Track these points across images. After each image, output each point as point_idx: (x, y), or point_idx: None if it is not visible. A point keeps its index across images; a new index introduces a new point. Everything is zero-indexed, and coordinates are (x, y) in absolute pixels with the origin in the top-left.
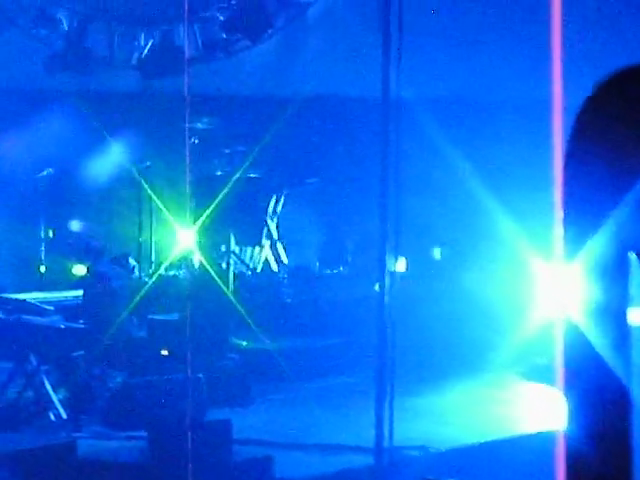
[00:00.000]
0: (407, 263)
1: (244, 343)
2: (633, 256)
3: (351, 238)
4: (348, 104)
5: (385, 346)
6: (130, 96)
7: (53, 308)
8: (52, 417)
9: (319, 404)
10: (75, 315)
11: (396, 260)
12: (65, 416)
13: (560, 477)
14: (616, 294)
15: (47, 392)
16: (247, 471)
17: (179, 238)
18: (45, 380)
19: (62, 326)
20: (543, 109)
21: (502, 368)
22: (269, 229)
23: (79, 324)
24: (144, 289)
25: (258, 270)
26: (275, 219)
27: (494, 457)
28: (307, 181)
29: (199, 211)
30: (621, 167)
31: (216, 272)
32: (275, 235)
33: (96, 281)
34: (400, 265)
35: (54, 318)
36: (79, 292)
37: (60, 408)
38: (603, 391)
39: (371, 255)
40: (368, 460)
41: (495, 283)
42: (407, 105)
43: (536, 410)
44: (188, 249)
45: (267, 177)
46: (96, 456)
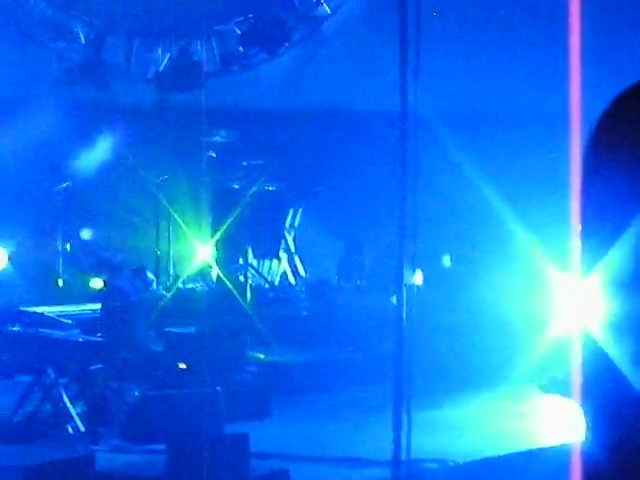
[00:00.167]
0: (424, 275)
1: (261, 356)
2: None
3: (368, 251)
4: (365, 117)
5: (402, 358)
6: (147, 109)
7: (71, 321)
8: (70, 430)
9: (336, 417)
10: (93, 328)
11: (413, 272)
12: (83, 429)
13: None
14: (635, 307)
15: (65, 405)
16: None
17: (197, 251)
18: (63, 393)
19: (80, 339)
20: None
21: (520, 381)
22: (286, 242)
23: (97, 337)
24: (162, 302)
25: (275, 283)
26: (292, 232)
27: (511, 470)
28: (324, 194)
29: (217, 224)
30: None
31: (234, 285)
32: (292, 248)
33: (114, 295)
34: (417, 277)
35: (72, 331)
36: (97, 305)
37: (78, 421)
38: (621, 405)
39: (388, 267)
40: (386, 473)
41: (513, 296)
42: (424, 117)
43: (553, 423)
44: (206, 262)
45: (284, 190)
46: (114, 469)
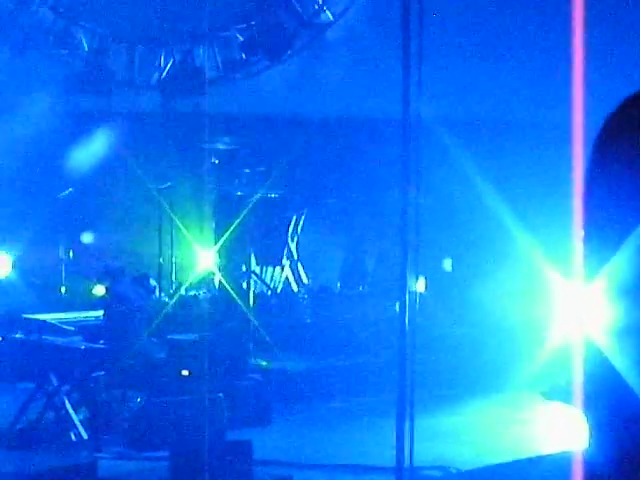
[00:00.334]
0: (426, 282)
1: (264, 363)
2: None
3: (371, 257)
4: (368, 124)
5: (405, 366)
6: (150, 116)
7: (74, 328)
8: (73, 437)
9: (339, 424)
10: (96, 335)
11: (416, 279)
12: (86, 436)
13: None
14: (638, 314)
15: (68, 412)
16: None
17: (199, 258)
18: (66, 400)
19: (83, 346)
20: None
21: (522, 388)
22: (289, 249)
23: (99, 344)
24: (165, 309)
25: (278, 290)
26: (295, 239)
27: (513, 477)
28: (327, 201)
29: (219, 231)
30: None
31: (236, 292)
32: (295, 255)
33: (116, 301)
34: (420, 284)
35: (75, 338)
36: (99, 312)
37: (81, 428)
38: (624, 412)
39: (391, 274)
40: None
41: (515, 302)
42: (427, 125)
43: (556, 430)
44: (209, 269)
45: (287, 197)
46: (117, 476)
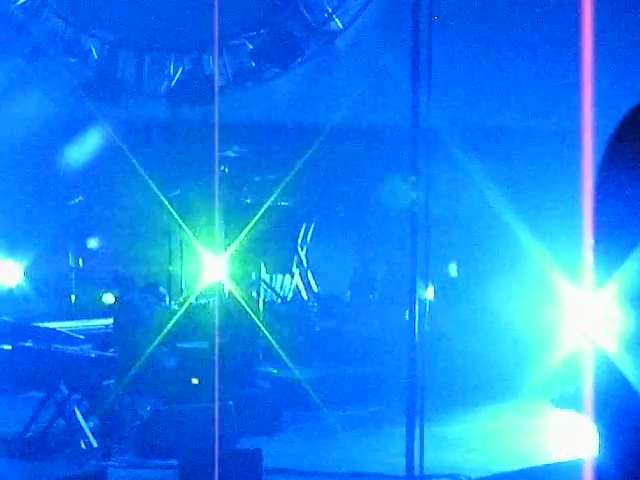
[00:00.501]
0: (435, 291)
1: (274, 371)
2: None
3: (380, 265)
4: (377, 132)
5: (415, 374)
6: (160, 124)
7: (83, 337)
8: (83, 445)
9: (349, 432)
10: (105, 343)
11: (425, 287)
12: (96, 444)
13: None
14: None
15: (78, 421)
16: None
17: (209, 266)
18: (76, 409)
19: (93, 355)
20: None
21: (531, 395)
22: (299, 257)
23: (109, 353)
24: (174, 317)
25: (288, 298)
26: (305, 247)
27: None
28: (337, 209)
29: (229, 239)
30: None
31: (246, 300)
32: (305, 263)
33: (126, 310)
34: (429, 292)
35: (84, 347)
36: (109, 320)
37: (91, 436)
38: (634, 419)
39: (401, 282)
40: None
41: (524, 308)
42: (436, 133)
43: (566, 438)
44: (218, 277)
45: (297, 205)
46: None
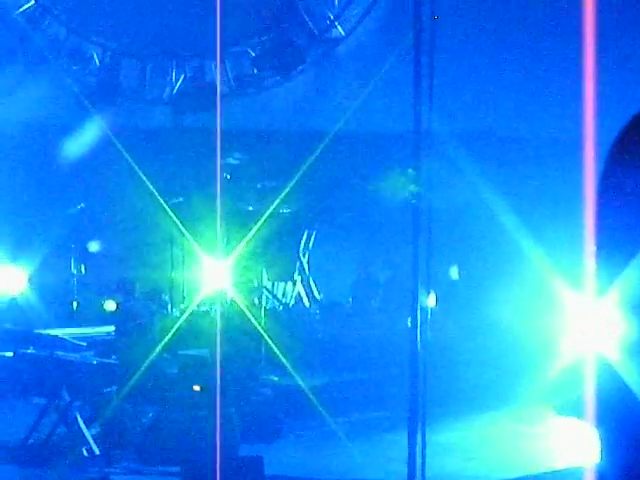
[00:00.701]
0: (437, 298)
1: (276, 378)
2: None
3: (382, 272)
4: (379, 138)
5: (417, 381)
6: (162, 131)
7: (85, 344)
8: (85, 452)
9: (350, 439)
10: (107, 351)
11: (427, 294)
12: (98, 451)
13: None
14: None
15: (80, 427)
16: None
17: (211, 274)
18: (78, 416)
19: (94, 362)
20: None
21: (533, 402)
22: (301, 264)
23: (111, 360)
24: (176, 324)
25: (290, 305)
26: (307, 254)
27: None
28: (338, 216)
29: (231, 246)
30: None
31: (248, 308)
32: (307, 270)
33: (127, 317)
34: (431, 299)
35: (86, 354)
36: (111, 328)
37: (93, 443)
38: (635, 427)
39: (403, 289)
40: None
41: (526, 316)
42: (438, 139)
43: (567, 445)
44: (220, 285)
45: (299, 212)
46: None
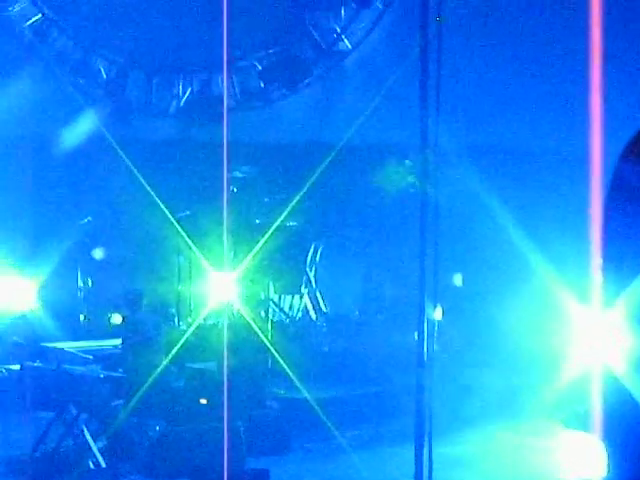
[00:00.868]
0: (443, 310)
1: (282, 391)
2: None
3: (389, 285)
4: (385, 151)
5: (423, 394)
6: (169, 144)
7: (92, 357)
8: (91, 465)
9: (357, 453)
10: (114, 364)
11: (434, 307)
12: (104, 464)
13: None
14: None
15: (86, 441)
16: None
17: (218, 287)
18: (84, 429)
19: (101, 375)
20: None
21: (540, 415)
22: (308, 277)
23: (118, 373)
24: (183, 338)
25: (297, 318)
26: (313, 267)
27: None
28: (345, 229)
29: (238, 260)
30: None
31: (255, 321)
32: (314, 283)
33: (133, 331)
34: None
35: (93, 367)
36: (118, 341)
37: (99, 457)
38: None
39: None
40: None
41: (533, 328)
42: (446, 153)
43: (574, 458)
44: (227, 298)
45: (306, 226)
46: None
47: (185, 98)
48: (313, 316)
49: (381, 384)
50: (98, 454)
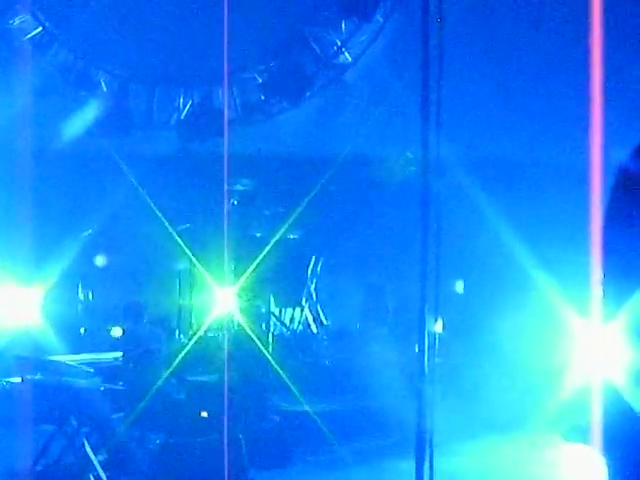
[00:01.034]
0: (444, 324)
1: (283, 404)
2: None
3: (391, 298)
4: (386, 164)
5: (424, 407)
6: (169, 157)
7: (93, 370)
8: (92, 479)
9: (359, 466)
10: (115, 377)
11: (436, 320)
12: (105, 478)
13: None
14: None
15: (87, 454)
16: None
17: (219, 299)
18: (85, 442)
19: (102, 388)
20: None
21: (541, 428)
22: (309, 290)
23: (119, 386)
24: (184, 350)
25: (298, 331)
26: (314, 280)
27: None
28: (346, 242)
29: (239, 273)
30: None
31: (256, 333)
32: (314, 296)
33: (134, 344)
34: (439, 325)
35: (94, 380)
36: (118, 354)
37: (100, 470)
38: None
39: (411, 315)
40: None
41: (534, 342)
42: (447, 165)
43: (575, 472)
44: (227, 311)
45: (306, 238)
46: None
47: (186, 111)
48: (314, 329)
49: (382, 397)
50: (99, 467)
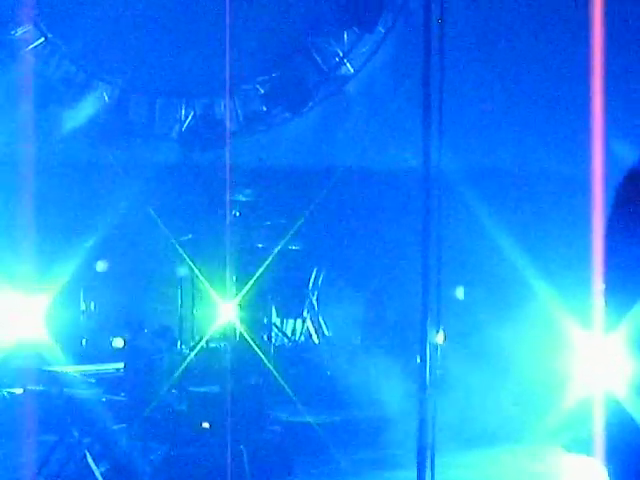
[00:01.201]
0: (445, 335)
1: (285, 415)
2: None
3: (392, 309)
4: (388, 176)
5: (426, 419)
6: (171, 168)
7: (94, 381)
8: None
9: (360, 476)
10: (116, 388)
11: (437, 331)
12: None
13: None
14: None
15: (89, 465)
16: None
17: (220, 310)
18: (87, 453)
19: (103, 399)
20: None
21: (542, 440)
22: (310, 301)
23: (120, 397)
24: (185, 361)
25: (299, 343)
26: (316, 291)
27: None
28: (348, 253)
29: (240, 284)
30: None
31: (257, 345)
32: (316, 307)
33: (135, 355)
34: (440, 337)
35: (95, 391)
36: (120, 365)
37: None
38: None
39: (412, 326)
40: None
41: (535, 353)
42: (448, 177)
43: None
44: (229, 322)
45: (308, 249)
46: None
47: (188, 122)
48: (315, 340)
49: (384, 408)
50: (100, 478)
